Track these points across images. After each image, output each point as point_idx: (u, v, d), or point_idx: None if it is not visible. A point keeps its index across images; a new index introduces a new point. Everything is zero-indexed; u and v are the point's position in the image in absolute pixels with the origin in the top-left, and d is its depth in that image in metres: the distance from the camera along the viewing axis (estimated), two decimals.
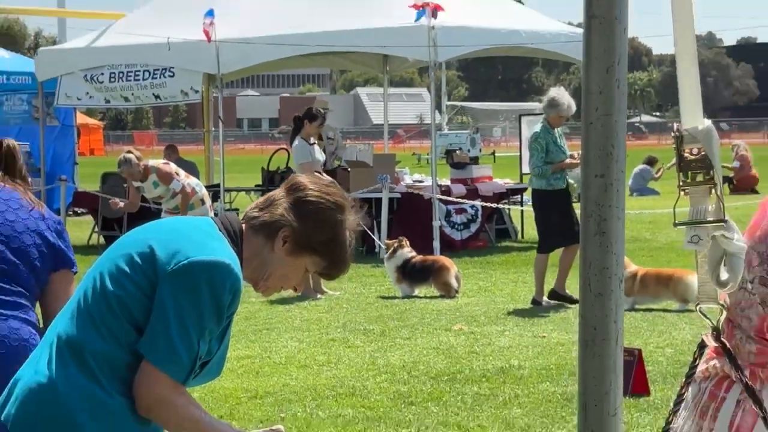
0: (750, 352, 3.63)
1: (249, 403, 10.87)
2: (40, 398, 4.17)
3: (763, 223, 3.67)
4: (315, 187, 4.43)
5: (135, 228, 4.47)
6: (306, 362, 13.05)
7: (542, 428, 9.89)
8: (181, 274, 4.04)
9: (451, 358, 13.07)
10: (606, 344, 2.48)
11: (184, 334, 4.03)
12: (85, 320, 4.21)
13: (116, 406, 4.12)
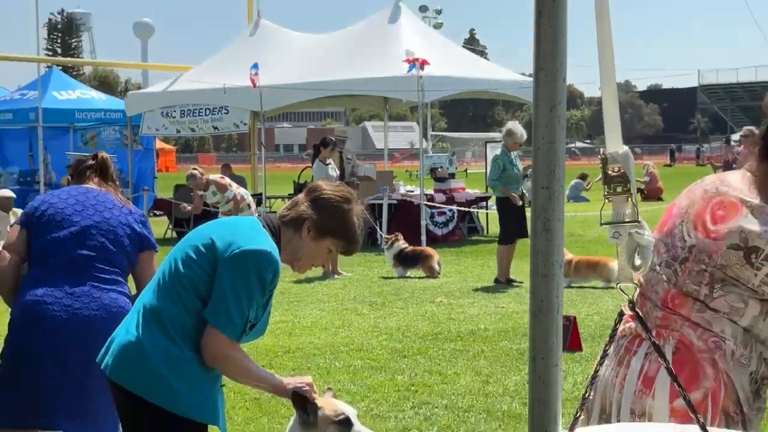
0: (656, 317, 3.62)
1: (284, 357, 10.95)
2: (130, 353, 4.30)
3: (669, 222, 3.67)
4: (327, 187, 4.65)
5: (199, 226, 4.68)
6: (326, 326, 13.17)
7: (502, 375, 9.90)
8: (235, 260, 4.23)
9: (434, 323, 13.14)
10: (549, 313, 2.48)
11: (237, 305, 4.21)
12: (164, 294, 4.36)
13: (187, 359, 4.27)
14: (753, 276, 3.42)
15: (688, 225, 3.59)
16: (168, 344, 4.26)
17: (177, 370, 4.27)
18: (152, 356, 4.24)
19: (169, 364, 4.25)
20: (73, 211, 5.36)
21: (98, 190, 5.57)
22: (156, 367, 4.23)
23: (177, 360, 4.26)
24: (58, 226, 5.34)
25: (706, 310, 3.53)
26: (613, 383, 3.62)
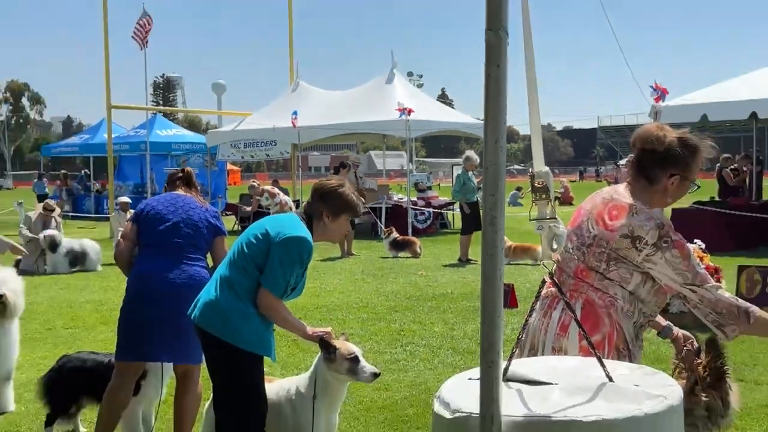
0: (570, 284, 3.62)
1: (314, 311, 10.93)
2: (211, 308, 4.42)
3: (578, 219, 3.70)
4: (324, 183, 4.76)
5: (257, 221, 4.79)
6: (342, 290, 13.07)
7: (463, 324, 9.88)
8: (282, 243, 4.42)
9: (416, 288, 13.05)
10: (494, 281, 2.46)
11: (282, 274, 4.41)
12: (234, 268, 4.51)
13: (249, 311, 4.41)
14: (637, 256, 3.47)
15: (591, 221, 3.63)
16: (236, 302, 4.39)
17: (242, 318, 4.39)
18: (226, 310, 4.38)
19: (237, 315, 4.38)
20: (167, 210, 5.40)
21: (184, 195, 5.60)
22: (229, 317, 4.37)
23: (242, 312, 4.39)
24: (157, 222, 5.38)
25: (604, 279, 3.57)
26: (540, 329, 3.62)
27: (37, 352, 8.58)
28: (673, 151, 3.54)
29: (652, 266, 3.48)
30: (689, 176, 3.61)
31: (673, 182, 3.58)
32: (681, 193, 3.63)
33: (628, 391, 2.95)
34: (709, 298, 3.39)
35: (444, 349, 8.72)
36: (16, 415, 6.53)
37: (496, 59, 2.57)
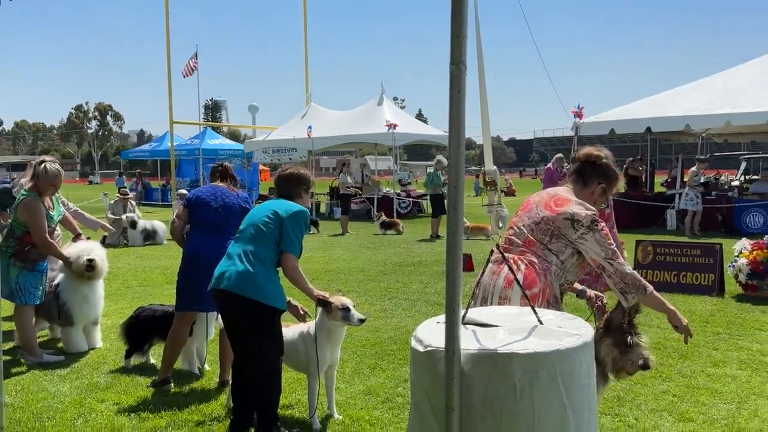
0: (518, 251, 3.64)
1: (323, 274, 10.74)
2: (246, 277, 4.22)
3: (528, 206, 3.73)
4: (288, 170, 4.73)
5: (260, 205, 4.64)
6: (345, 259, 12.89)
7: (434, 283, 9.75)
8: (292, 216, 4.36)
9: (400, 257, 12.91)
10: (456, 251, 2.46)
11: (297, 239, 4.36)
12: (257, 243, 4.35)
13: (273, 276, 4.32)
14: (573, 234, 3.52)
15: (540, 207, 3.68)
16: (264, 269, 4.26)
17: (269, 282, 4.26)
18: (257, 276, 4.23)
19: (265, 280, 4.24)
20: (210, 198, 5.35)
21: (222, 185, 5.52)
22: (260, 282, 4.22)
23: (268, 277, 4.27)
24: (203, 207, 5.34)
25: (545, 249, 3.60)
26: (490, 284, 3.62)
27: (119, 304, 8.57)
28: (604, 167, 3.77)
29: (583, 242, 3.53)
30: (609, 190, 3.80)
31: (599, 190, 3.75)
32: (601, 200, 3.79)
33: (553, 331, 2.97)
34: (621, 271, 3.46)
35: (420, 301, 8.67)
36: (104, 351, 6.55)
37: (457, 86, 2.58)
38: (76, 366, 6.05)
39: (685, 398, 5.01)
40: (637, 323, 3.50)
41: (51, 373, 5.82)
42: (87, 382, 5.56)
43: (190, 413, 4.84)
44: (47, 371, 5.88)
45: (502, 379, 2.72)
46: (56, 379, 5.68)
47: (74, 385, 5.50)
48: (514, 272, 3.51)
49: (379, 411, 4.81)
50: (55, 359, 6.21)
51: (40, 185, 6.11)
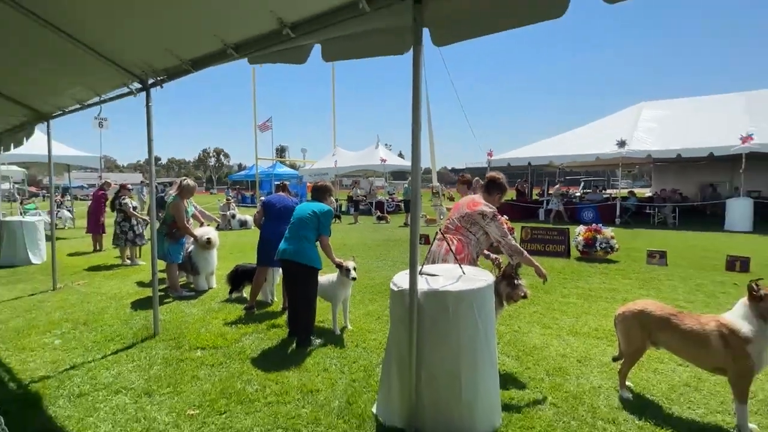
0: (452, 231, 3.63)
1: (342, 247, 10.46)
2: (302, 250, 4.12)
3: (458, 208, 3.73)
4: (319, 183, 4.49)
5: (302, 205, 4.42)
6: (355, 237, 12.50)
7: (400, 258, 9.61)
8: (325, 212, 4.20)
9: (387, 237, 12.58)
10: (416, 233, 2.46)
11: (328, 225, 4.21)
12: (305, 229, 4.17)
13: (315, 248, 4.19)
14: (483, 222, 3.56)
15: (463, 207, 3.71)
16: (311, 245, 4.15)
17: (314, 253, 4.15)
18: (308, 249, 4.13)
19: (312, 251, 4.14)
20: (275, 201, 5.24)
21: (283, 194, 5.39)
22: (310, 254, 4.12)
23: (313, 249, 4.17)
24: (270, 206, 5.23)
25: (468, 231, 3.64)
26: (437, 251, 3.61)
27: (225, 263, 8.41)
28: (500, 184, 3.76)
29: (488, 227, 3.56)
30: (502, 197, 3.79)
31: (497, 197, 3.75)
32: (498, 203, 3.77)
33: (471, 278, 2.98)
34: (509, 244, 3.50)
35: (398, 262, 8.53)
36: (217, 290, 6.44)
37: (417, 139, 2.58)
38: (201, 298, 6.00)
39: (546, 315, 5.02)
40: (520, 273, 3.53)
41: (186, 302, 5.77)
42: (207, 307, 5.52)
43: (265, 325, 4.83)
44: (184, 301, 5.83)
45: (441, 306, 2.73)
46: (189, 305, 5.64)
47: (199, 309, 5.47)
48: (450, 245, 3.52)
49: (374, 324, 4.77)
50: (188, 294, 6.15)
51: (182, 193, 6.14)
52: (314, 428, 2.87)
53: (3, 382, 3.52)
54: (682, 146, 13.62)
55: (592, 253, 8.52)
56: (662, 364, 3.72)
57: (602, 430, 2.81)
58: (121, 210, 8.75)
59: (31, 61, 3.96)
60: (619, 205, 15.53)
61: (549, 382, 3.43)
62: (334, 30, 2.83)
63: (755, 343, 2.54)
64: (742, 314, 2.63)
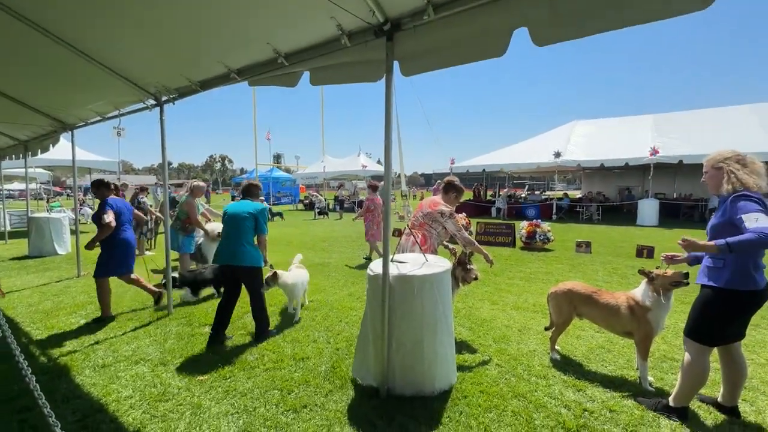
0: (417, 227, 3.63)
1: (328, 239, 10.07)
2: (240, 253, 3.49)
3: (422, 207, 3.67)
4: (250, 180, 3.78)
5: (236, 205, 3.65)
6: (339, 231, 12.11)
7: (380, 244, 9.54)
8: (261, 211, 3.54)
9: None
10: (389, 228, 2.50)
11: (265, 224, 3.56)
12: (247, 232, 3.55)
13: (255, 249, 3.57)
14: (441, 219, 3.57)
15: (426, 206, 3.64)
16: (250, 246, 3.51)
17: (254, 252, 3.52)
18: (247, 251, 3.49)
19: (252, 252, 3.51)
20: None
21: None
22: (250, 254, 3.49)
23: (253, 249, 3.52)
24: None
25: (430, 227, 3.60)
26: (405, 243, 3.60)
27: None
28: (457, 187, 3.69)
29: (446, 223, 3.54)
30: (458, 198, 3.71)
31: (454, 198, 3.69)
32: (455, 203, 3.71)
33: (433, 265, 3.05)
34: (463, 236, 3.51)
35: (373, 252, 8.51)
36: None
37: (388, 150, 2.62)
38: None
39: (495, 294, 5.10)
40: (473, 260, 3.62)
41: None
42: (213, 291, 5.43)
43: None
44: None
45: (408, 287, 2.80)
46: None
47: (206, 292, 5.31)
48: (416, 237, 3.58)
49: (354, 303, 4.75)
50: None
51: (194, 193, 5.99)
52: (305, 388, 2.92)
53: (35, 356, 3.42)
54: (604, 157, 14.14)
55: (532, 244, 8.72)
56: (583, 331, 3.89)
57: (535, 384, 2.97)
58: (139, 207, 8.51)
59: (62, 81, 3.86)
60: (555, 204, 16.00)
61: (495, 347, 3.54)
62: (320, 60, 2.87)
63: (653, 311, 2.77)
64: (643, 290, 2.87)
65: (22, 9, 2.78)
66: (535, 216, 15.12)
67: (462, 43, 2.26)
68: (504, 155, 17.46)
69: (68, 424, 2.47)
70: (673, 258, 2.68)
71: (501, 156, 17.48)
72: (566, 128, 18.28)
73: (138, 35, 2.99)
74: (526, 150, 17.03)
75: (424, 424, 2.53)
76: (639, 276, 6.02)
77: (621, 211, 17.80)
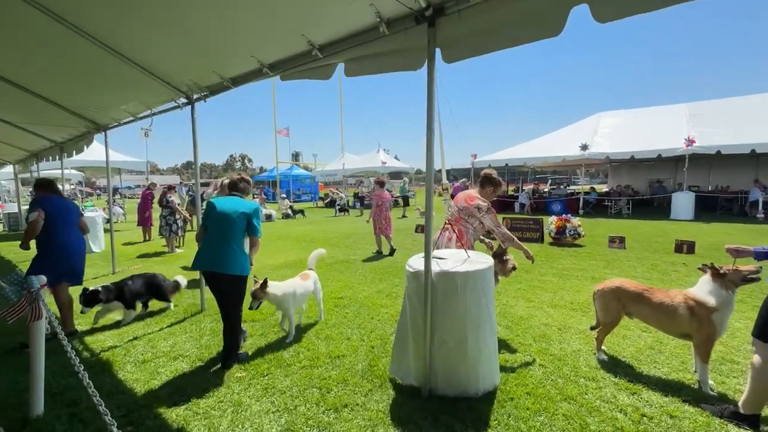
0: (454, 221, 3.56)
1: (352, 236, 9.97)
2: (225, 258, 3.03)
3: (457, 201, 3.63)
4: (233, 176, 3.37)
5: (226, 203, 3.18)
6: (361, 227, 11.87)
7: (405, 239, 8.89)
8: (255, 211, 3.10)
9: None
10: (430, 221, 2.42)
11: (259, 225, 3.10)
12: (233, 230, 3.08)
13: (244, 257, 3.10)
14: (478, 214, 3.46)
15: (461, 201, 3.58)
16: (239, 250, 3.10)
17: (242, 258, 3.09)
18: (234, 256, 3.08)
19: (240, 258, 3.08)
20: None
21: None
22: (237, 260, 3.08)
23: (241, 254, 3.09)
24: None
25: (466, 222, 3.53)
26: (440, 239, 3.56)
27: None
28: (494, 180, 3.62)
29: (484, 219, 3.47)
30: (496, 191, 3.63)
31: (491, 191, 3.61)
32: (492, 197, 3.65)
33: (474, 260, 2.95)
34: (501, 231, 3.41)
35: (401, 247, 8.17)
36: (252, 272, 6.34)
37: (430, 143, 2.52)
38: None
39: (529, 291, 4.96)
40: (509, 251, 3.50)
41: None
42: None
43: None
44: None
45: (450, 284, 2.70)
46: None
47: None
48: (455, 232, 3.48)
49: (385, 300, 4.69)
50: None
51: (222, 191, 6.02)
52: (343, 387, 2.86)
53: (78, 351, 3.49)
54: (634, 149, 13.59)
55: (562, 239, 8.48)
56: (629, 331, 3.71)
57: (585, 386, 2.82)
58: (167, 206, 8.69)
59: (97, 82, 3.91)
60: (582, 198, 15.53)
61: (536, 347, 3.41)
62: (356, 51, 2.77)
63: (719, 312, 2.57)
64: (709, 288, 2.66)
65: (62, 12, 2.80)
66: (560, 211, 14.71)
67: (512, 24, 2.12)
68: (527, 149, 17.04)
69: (115, 418, 2.48)
70: (738, 251, 2.46)
71: (524, 150, 17.08)
72: (592, 120, 17.68)
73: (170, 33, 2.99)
74: (550, 143, 16.58)
75: (471, 426, 2.44)
76: (681, 272, 5.76)
77: (651, 205, 17.14)
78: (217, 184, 6.08)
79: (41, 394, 2.61)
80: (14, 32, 3.03)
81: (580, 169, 16.14)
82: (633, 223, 11.73)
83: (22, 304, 2.46)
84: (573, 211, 14.87)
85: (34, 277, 2.51)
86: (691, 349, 3.09)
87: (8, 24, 2.88)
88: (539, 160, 15.99)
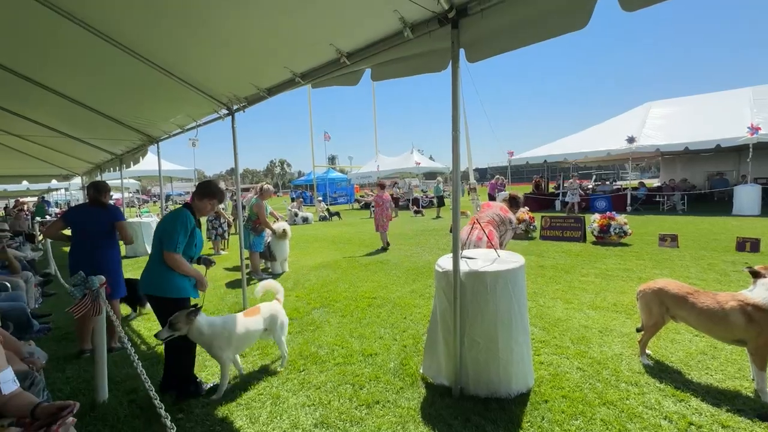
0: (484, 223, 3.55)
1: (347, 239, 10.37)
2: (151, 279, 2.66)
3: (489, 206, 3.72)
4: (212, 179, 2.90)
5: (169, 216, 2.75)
6: (397, 228, 11.93)
7: (439, 240, 8.91)
8: (166, 221, 2.73)
9: (425, 227, 12.00)
10: (458, 222, 2.43)
11: (173, 235, 2.63)
12: (156, 245, 2.69)
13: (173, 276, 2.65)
14: (510, 226, 3.55)
15: (496, 209, 3.79)
16: (164, 268, 2.69)
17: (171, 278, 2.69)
18: (159, 276, 2.72)
19: (168, 277, 2.69)
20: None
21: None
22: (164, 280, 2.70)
23: (168, 273, 2.69)
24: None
25: (498, 226, 3.66)
26: (468, 238, 3.55)
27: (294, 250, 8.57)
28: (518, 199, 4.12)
29: (508, 233, 3.67)
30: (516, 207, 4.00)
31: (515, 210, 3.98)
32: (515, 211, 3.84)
33: (505, 260, 2.91)
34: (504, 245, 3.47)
35: (434, 248, 8.18)
36: (289, 273, 6.55)
37: (456, 142, 2.54)
38: (277, 280, 6.14)
39: (568, 292, 4.79)
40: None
41: None
42: (282, 287, 5.60)
43: (330, 300, 4.80)
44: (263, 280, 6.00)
45: (480, 284, 2.69)
46: None
47: None
48: (486, 233, 3.45)
49: (418, 300, 4.71)
50: (267, 277, 6.32)
51: (263, 195, 6.36)
52: (375, 384, 2.93)
53: (137, 344, 3.82)
54: (689, 139, 12.58)
55: (606, 238, 8.03)
56: (679, 334, 3.48)
57: (626, 391, 2.69)
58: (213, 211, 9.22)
59: (148, 97, 4.27)
60: (630, 194, 14.61)
61: (574, 349, 3.29)
62: (381, 56, 2.84)
63: None
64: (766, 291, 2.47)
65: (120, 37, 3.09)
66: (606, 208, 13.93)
67: (537, 20, 2.09)
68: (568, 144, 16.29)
69: (167, 406, 2.70)
70: None
71: (564, 145, 16.35)
72: (640, 110, 16.55)
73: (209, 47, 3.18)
74: (592, 137, 15.73)
75: (503, 427, 2.41)
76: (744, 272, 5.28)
77: (710, 200, 15.78)
78: (258, 188, 6.43)
79: (105, 382, 2.85)
80: (84, 60, 3.33)
81: (627, 164, 15.17)
82: (688, 220, 10.87)
83: (86, 301, 2.64)
84: (620, 208, 14.03)
85: (95, 277, 2.68)
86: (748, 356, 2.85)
87: (84, 54, 3.18)
88: (581, 155, 15.25)
